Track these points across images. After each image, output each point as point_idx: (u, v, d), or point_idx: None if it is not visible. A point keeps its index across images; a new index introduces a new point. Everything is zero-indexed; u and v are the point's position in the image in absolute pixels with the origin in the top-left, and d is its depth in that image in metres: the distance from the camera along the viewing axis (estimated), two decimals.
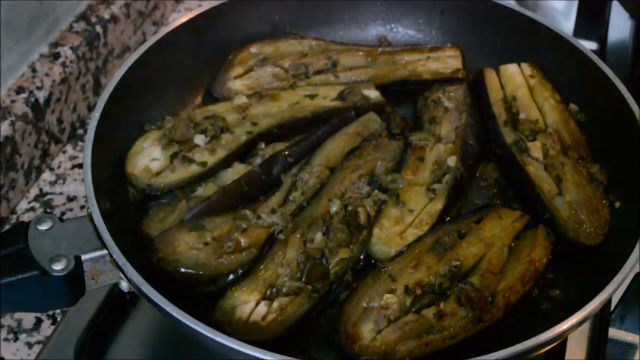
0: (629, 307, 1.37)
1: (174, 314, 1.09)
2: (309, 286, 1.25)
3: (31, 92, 1.61)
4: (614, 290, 1.16)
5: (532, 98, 1.56)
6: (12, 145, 1.55)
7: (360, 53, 1.67)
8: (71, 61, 1.71)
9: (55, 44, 1.73)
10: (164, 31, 1.52)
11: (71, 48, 1.72)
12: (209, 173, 1.40)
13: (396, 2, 1.73)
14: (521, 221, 1.36)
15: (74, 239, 1.17)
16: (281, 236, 1.31)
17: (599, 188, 1.41)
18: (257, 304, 1.23)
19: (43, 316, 1.44)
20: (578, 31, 2.03)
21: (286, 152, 1.42)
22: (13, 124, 1.54)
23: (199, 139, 1.42)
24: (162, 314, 1.11)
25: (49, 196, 1.65)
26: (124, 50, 1.91)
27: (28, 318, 1.44)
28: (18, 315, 1.44)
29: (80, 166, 1.71)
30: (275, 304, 1.22)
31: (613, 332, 1.38)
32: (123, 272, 1.15)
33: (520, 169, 1.43)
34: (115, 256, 1.15)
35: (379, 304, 1.21)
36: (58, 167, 1.71)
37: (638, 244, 1.21)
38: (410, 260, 1.28)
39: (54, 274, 1.12)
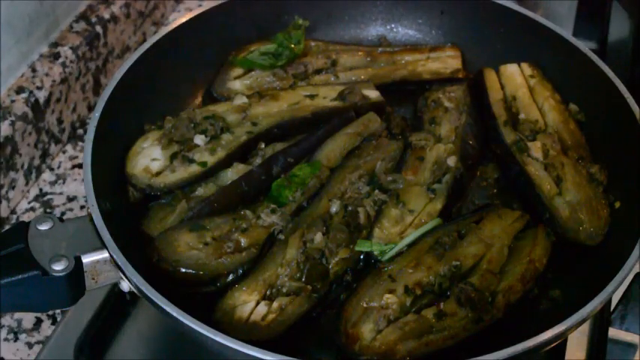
0: (629, 307, 1.37)
1: (174, 314, 1.09)
2: (309, 287, 1.25)
3: (31, 92, 1.61)
4: (614, 290, 1.16)
5: (532, 98, 1.56)
6: (12, 145, 1.55)
7: (360, 53, 1.67)
8: (71, 61, 1.71)
9: (55, 44, 1.73)
10: (164, 31, 1.52)
11: (71, 48, 1.72)
12: (209, 173, 1.40)
13: (396, 2, 1.73)
14: (521, 221, 1.36)
15: (74, 239, 1.17)
16: (281, 236, 1.31)
17: (599, 188, 1.41)
18: (257, 304, 1.23)
19: (43, 316, 1.44)
20: (578, 31, 2.03)
21: (286, 152, 1.42)
22: (13, 124, 1.54)
23: (199, 139, 1.42)
24: (162, 314, 1.12)
25: (49, 196, 1.65)
26: (124, 50, 1.91)
27: (28, 318, 1.44)
28: (18, 315, 1.44)
29: (80, 166, 1.71)
30: (275, 304, 1.22)
31: (613, 332, 1.38)
32: (123, 272, 1.15)
33: (520, 169, 1.43)
34: (115, 256, 1.15)
35: (379, 304, 1.21)
36: (58, 167, 1.71)
37: (638, 244, 1.21)
38: (410, 260, 1.28)
39: (54, 274, 1.12)
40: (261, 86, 1.60)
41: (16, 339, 1.41)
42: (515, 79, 1.59)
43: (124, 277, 1.16)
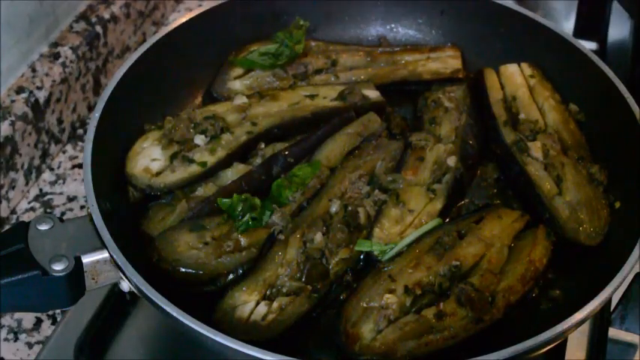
0: (629, 307, 1.37)
1: (174, 314, 1.09)
2: (309, 286, 1.25)
3: (31, 92, 1.61)
4: (614, 290, 1.16)
5: (532, 98, 1.56)
6: (12, 145, 1.55)
7: (360, 53, 1.67)
8: (71, 61, 1.71)
9: (55, 44, 1.73)
10: (164, 31, 1.52)
11: (71, 48, 1.72)
12: (209, 173, 1.40)
13: (396, 2, 1.73)
14: (521, 221, 1.36)
15: (74, 239, 1.17)
16: (281, 236, 1.31)
17: (599, 188, 1.41)
18: (257, 304, 1.23)
19: (43, 316, 1.44)
20: (578, 31, 2.03)
21: (286, 152, 1.42)
22: (13, 124, 1.54)
23: (199, 139, 1.42)
24: (162, 314, 1.12)
25: (49, 196, 1.65)
26: (124, 50, 1.91)
27: (28, 318, 1.44)
28: (18, 315, 1.44)
29: (80, 166, 1.71)
30: (275, 304, 1.22)
31: (613, 332, 1.38)
32: (123, 272, 1.15)
33: (520, 169, 1.43)
34: (115, 256, 1.15)
35: (379, 304, 1.21)
36: (58, 167, 1.71)
37: (638, 244, 1.21)
38: (410, 260, 1.28)
39: (54, 274, 1.12)
40: (261, 86, 1.60)
41: (16, 339, 1.41)
42: (515, 79, 1.59)
43: (124, 277, 1.16)
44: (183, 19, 1.55)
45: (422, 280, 1.25)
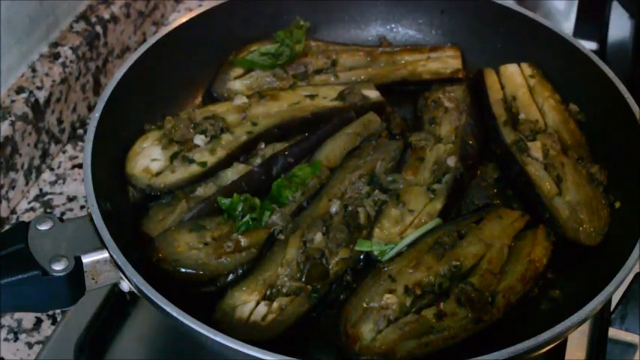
0: (629, 307, 1.37)
1: (174, 314, 1.09)
2: (309, 286, 1.25)
3: (31, 92, 1.61)
4: (614, 290, 1.16)
5: (532, 98, 1.56)
6: (12, 145, 1.55)
7: (360, 53, 1.67)
8: (71, 61, 1.71)
9: (55, 44, 1.73)
10: (164, 31, 1.52)
11: (71, 48, 1.72)
12: (209, 173, 1.40)
13: (396, 2, 1.73)
14: (521, 221, 1.36)
15: (74, 239, 1.17)
16: (281, 236, 1.31)
17: (599, 188, 1.41)
18: (257, 304, 1.23)
19: (43, 316, 1.44)
20: (578, 31, 2.03)
21: (286, 152, 1.42)
22: (13, 124, 1.54)
23: (199, 140, 1.42)
24: (162, 314, 1.12)
25: (49, 196, 1.65)
26: (124, 50, 1.91)
27: (28, 318, 1.44)
28: (18, 315, 1.44)
29: (80, 166, 1.71)
30: (275, 304, 1.22)
31: (613, 332, 1.38)
32: (123, 272, 1.15)
33: (520, 169, 1.43)
34: (115, 256, 1.15)
35: (379, 304, 1.21)
36: (58, 167, 1.71)
37: (638, 244, 1.21)
38: (410, 260, 1.28)
39: (54, 274, 1.12)
40: (261, 86, 1.60)
41: (16, 339, 1.41)
42: (515, 79, 1.59)
43: (124, 277, 1.16)
44: (183, 19, 1.55)
45: (422, 280, 1.25)
